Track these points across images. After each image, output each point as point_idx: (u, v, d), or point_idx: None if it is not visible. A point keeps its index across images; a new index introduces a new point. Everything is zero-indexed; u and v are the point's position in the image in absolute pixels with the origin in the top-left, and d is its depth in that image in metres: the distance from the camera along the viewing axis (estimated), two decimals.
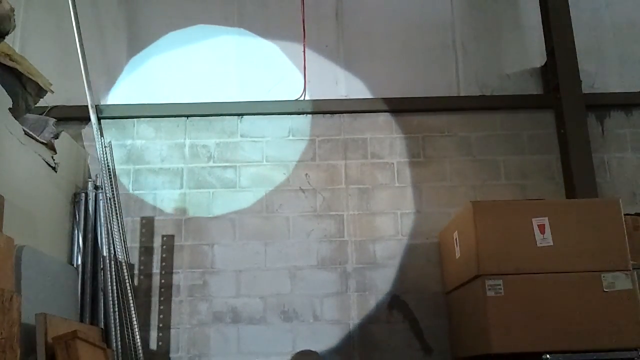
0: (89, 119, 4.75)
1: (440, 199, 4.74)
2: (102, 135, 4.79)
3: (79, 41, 4.80)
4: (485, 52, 5.09)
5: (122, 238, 4.46)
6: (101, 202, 4.47)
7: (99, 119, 4.78)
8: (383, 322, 4.49)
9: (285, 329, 4.48)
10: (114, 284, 4.29)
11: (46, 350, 3.14)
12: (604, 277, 3.58)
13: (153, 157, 4.82)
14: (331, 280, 4.57)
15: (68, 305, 4.03)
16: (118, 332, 4.19)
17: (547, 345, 3.47)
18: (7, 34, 3.48)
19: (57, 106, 4.77)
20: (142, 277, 4.56)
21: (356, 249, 4.64)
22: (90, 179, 4.59)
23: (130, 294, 4.31)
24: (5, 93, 3.58)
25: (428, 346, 4.45)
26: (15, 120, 3.68)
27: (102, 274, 4.33)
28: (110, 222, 4.43)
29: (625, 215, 3.77)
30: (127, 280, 4.34)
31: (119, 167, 4.78)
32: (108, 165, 4.65)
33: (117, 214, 4.51)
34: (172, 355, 4.41)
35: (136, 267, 4.57)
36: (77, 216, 4.45)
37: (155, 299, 4.51)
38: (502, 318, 3.52)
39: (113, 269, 4.32)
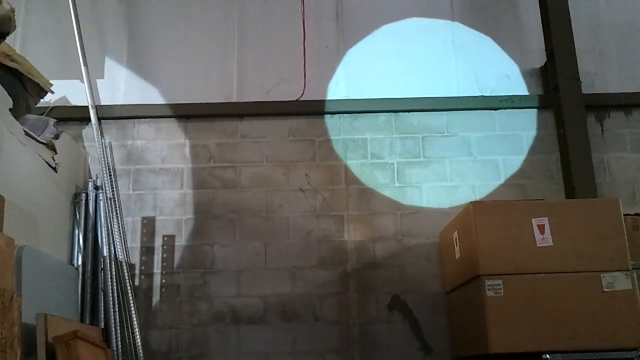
0: (89, 120, 4.76)
1: (440, 199, 4.74)
2: (102, 135, 4.80)
3: (79, 41, 4.81)
4: (485, 52, 5.10)
5: (122, 238, 4.47)
6: (101, 202, 4.48)
7: (99, 119, 4.78)
8: (383, 322, 4.50)
9: (285, 329, 4.48)
10: (115, 283, 4.30)
11: (46, 350, 3.14)
12: (603, 277, 3.59)
13: (153, 157, 4.83)
14: (331, 280, 4.58)
15: (68, 305, 4.03)
16: (118, 332, 4.20)
17: (547, 345, 3.47)
18: (7, 34, 3.47)
19: (57, 106, 4.78)
20: (142, 277, 4.57)
21: (356, 249, 4.64)
22: (90, 179, 4.60)
23: (130, 294, 4.32)
24: (6, 93, 3.58)
25: (428, 346, 4.46)
26: (16, 121, 3.68)
27: (102, 274, 4.33)
28: (110, 222, 4.44)
29: (625, 215, 3.77)
30: (127, 280, 4.35)
31: (119, 168, 4.78)
32: (108, 166, 4.66)
33: (117, 214, 4.52)
34: (172, 355, 4.42)
35: (137, 267, 4.58)
36: (78, 216, 4.46)
37: (155, 299, 4.52)
38: (501, 318, 3.53)
39: (113, 269, 4.33)
